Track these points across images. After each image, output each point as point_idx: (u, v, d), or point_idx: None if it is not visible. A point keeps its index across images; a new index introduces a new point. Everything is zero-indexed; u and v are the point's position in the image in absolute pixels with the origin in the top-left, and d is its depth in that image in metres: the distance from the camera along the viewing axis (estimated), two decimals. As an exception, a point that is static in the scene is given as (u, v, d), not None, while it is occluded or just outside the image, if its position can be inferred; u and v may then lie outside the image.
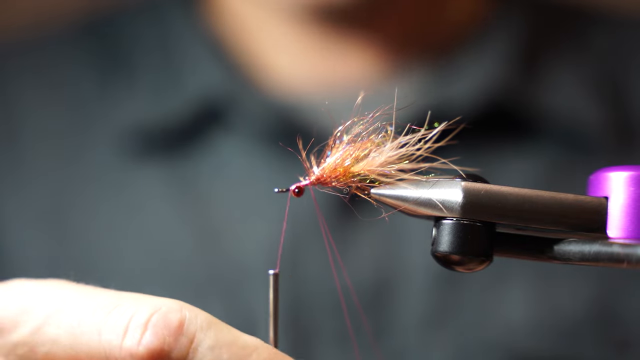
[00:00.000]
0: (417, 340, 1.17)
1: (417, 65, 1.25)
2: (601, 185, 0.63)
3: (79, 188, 1.26)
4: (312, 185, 0.66)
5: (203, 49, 1.27)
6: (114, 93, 1.28)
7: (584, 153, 1.23)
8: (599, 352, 1.17)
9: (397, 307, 1.18)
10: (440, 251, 0.63)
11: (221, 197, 1.23)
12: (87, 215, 1.25)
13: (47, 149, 1.28)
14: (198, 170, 1.24)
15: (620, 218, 0.62)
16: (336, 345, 1.17)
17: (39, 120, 1.29)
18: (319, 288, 1.18)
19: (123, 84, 1.28)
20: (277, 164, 1.22)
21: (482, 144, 1.22)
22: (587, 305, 1.18)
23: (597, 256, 0.61)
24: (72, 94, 1.30)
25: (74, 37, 1.35)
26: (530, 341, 1.17)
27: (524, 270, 1.19)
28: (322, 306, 1.17)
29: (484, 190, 0.63)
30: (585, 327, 1.17)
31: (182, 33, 1.29)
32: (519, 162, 1.22)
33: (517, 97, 1.23)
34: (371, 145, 0.65)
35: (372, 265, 1.19)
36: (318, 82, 1.25)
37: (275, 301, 0.65)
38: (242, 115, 1.23)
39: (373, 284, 1.18)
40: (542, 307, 1.18)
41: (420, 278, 1.19)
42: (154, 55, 1.29)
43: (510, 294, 1.18)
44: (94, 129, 1.28)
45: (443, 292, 1.18)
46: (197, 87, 1.25)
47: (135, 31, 1.32)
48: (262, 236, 1.21)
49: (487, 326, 1.18)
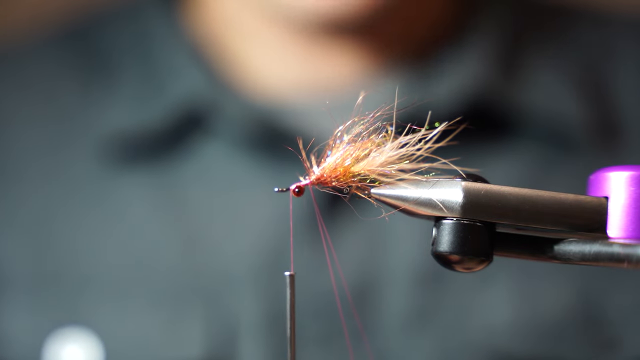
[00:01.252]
0: (400, 341, 1.17)
1: (399, 67, 1.25)
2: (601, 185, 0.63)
3: (61, 195, 1.25)
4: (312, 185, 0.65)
5: (184, 54, 1.27)
6: (95, 100, 1.27)
7: (566, 152, 1.23)
8: (581, 353, 1.18)
9: (381, 309, 1.18)
10: (441, 251, 0.63)
11: (203, 202, 1.23)
12: (70, 223, 1.24)
13: (29, 157, 1.27)
14: (180, 176, 1.24)
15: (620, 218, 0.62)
16: (320, 347, 1.17)
17: (20, 128, 1.28)
18: (303, 290, 1.18)
19: (105, 91, 1.28)
20: (260, 169, 1.22)
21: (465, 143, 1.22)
22: (569, 306, 1.18)
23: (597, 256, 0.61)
24: (54, 102, 1.30)
25: (55, 44, 1.34)
26: (512, 342, 1.18)
27: (507, 272, 1.19)
28: (306, 308, 1.17)
29: (484, 190, 0.63)
30: (567, 327, 1.18)
31: (164, 39, 1.28)
32: (501, 161, 1.22)
33: (499, 97, 1.23)
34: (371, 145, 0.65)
35: (355, 267, 1.19)
36: (300, 87, 1.25)
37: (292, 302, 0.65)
38: (224, 121, 1.23)
39: (357, 285, 1.18)
40: (524, 308, 1.18)
41: (403, 280, 1.19)
42: (136, 62, 1.29)
43: (492, 295, 1.19)
44: (76, 136, 1.27)
45: (426, 293, 1.18)
46: (179, 92, 1.24)
47: (116, 38, 1.32)
48: (245, 242, 1.20)
49: (470, 327, 1.18)
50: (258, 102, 1.24)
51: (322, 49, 1.24)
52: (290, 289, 0.65)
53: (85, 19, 1.36)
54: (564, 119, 1.23)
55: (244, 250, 1.20)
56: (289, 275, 0.66)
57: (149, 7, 1.31)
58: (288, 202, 1.16)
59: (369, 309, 1.18)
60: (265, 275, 1.19)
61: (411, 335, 1.17)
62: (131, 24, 1.32)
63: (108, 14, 1.35)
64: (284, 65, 1.26)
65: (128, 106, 1.25)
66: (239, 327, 1.18)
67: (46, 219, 1.24)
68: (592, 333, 1.18)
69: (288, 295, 0.65)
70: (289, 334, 0.65)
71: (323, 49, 1.24)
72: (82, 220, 1.23)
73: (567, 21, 1.32)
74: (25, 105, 1.30)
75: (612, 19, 1.35)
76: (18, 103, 1.30)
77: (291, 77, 1.25)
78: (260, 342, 1.17)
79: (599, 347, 1.18)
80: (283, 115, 1.23)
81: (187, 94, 1.24)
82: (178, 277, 1.20)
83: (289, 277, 0.66)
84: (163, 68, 1.26)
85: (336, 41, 1.24)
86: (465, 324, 1.18)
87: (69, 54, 1.32)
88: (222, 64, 1.27)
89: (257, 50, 1.27)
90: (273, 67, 1.26)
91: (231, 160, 1.23)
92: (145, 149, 1.24)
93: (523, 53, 1.27)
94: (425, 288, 1.19)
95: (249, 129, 1.22)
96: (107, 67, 1.29)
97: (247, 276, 1.19)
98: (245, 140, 1.22)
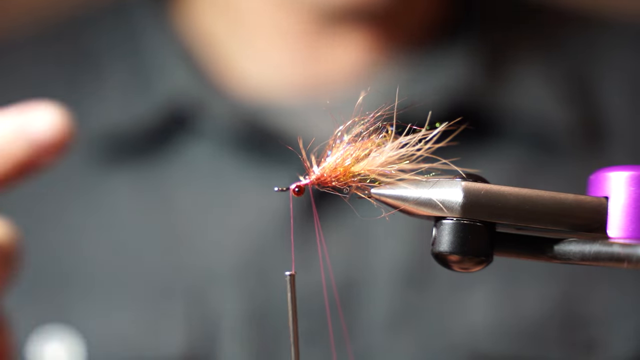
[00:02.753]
0: (382, 341, 1.17)
1: (388, 66, 1.25)
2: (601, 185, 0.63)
3: (45, 192, 1.24)
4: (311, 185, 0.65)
5: (171, 53, 1.26)
6: (81, 98, 1.27)
7: (551, 154, 1.24)
8: (563, 354, 1.18)
9: (363, 309, 1.18)
10: (440, 251, 0.63)
11: (189, 202, 1.23)
12: (53, 220, 1.23)
13: None
14: (166, 175, 1.23)
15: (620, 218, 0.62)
16: (303, 347, 1.17)
17: None
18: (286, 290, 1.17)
19: (91, 89, 1.27)
20: (245, 168, 1.21)
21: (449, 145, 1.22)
22: (551, 307, 1.19)
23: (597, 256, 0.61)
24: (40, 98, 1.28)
25: (42, 42, 1.33)
26: (495, 343, 1.18)
27: (489, 273, 1.19)
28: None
29: (484, 190, 0.63)
30: (549, 328, 1.18)
31: (151, 37, 1.28)
32: (487, 163, 1.22)
33: (485, 99, 1.23)
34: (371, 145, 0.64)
35: (338, 267, 1.19)
36: (287, 86, 1.25)
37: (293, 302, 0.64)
38: (210, 121, 1.23)
39: (339, 286, 1.18)
40: (506, 309, 1.18)
41: (385, 280, 1.19)
42: (122, 60, 1.28)
43: (475, 297, 1.19)
44: None
45: (408, 294, 1.18)
46: (166, 91, 1.24)
47: (103, 35, 1.31)
48: (229, 241, 1.20)
49: (452, 328, 1.18)
50: (245, 102, 1.24)
51: (311, 49, 1.24)
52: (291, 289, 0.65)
53: (73, 16, 1.35)
54: (548, 121, 1.23)
55: (228, 250, 1.20)
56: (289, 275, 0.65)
57: (137, 5, 1.30)
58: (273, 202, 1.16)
59: (352, 309, 1.18)
60: (248, 275, 1.19)
61: (394, 335, 1.18)
62: (119, 22, 1.31)
63: (95, 11, 1.34)
64: (272, 64, 1.26)
65: (115, 104, 1.25)
66: (221, 325, 1.18)
67: (29, 216, 1.23)
68: (574, 335, 1.19)
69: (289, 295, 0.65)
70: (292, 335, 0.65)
71: (311, 49, 1.24)
72: (66, 217, 1.23)
73: (553, 24, 1.32)
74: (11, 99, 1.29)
75: (598, 22, 1.35)
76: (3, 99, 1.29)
77: (278, 77, 1.25)
78: (242, 341, 1.17)
79: (581, 349, 1.19)
80: (270, 115, 1.22)
81: (174, 93, 1.23)
82: (161, 276, 1.19)
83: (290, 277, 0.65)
84: (150, 66, 1.26)
85: (325, 41, 1.24)
86: (448, 325, 1.18)
87: (55, 52, 1.31)
88: (209, 63, 1.27)
89: (245, 49, 1.26)
90: (260, 67, 1.26)
91: (217, 160, 1.23)
92: (132, 147, 1.24)
93: (508, 55, 1.27)
94: (408, 289, 1.19)
95: (235, 128, 1.22)
96: (94, 64, 1.28)
97: (230, 275, 1.19)
98: (232, 140, 1.22)
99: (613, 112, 1.27)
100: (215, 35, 1.27)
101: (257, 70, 1.26)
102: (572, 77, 1.28)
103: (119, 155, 1.24)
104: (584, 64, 1.30)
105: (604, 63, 1.30)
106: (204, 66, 1.26)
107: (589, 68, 1.29)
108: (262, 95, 1.25)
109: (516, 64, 1.26)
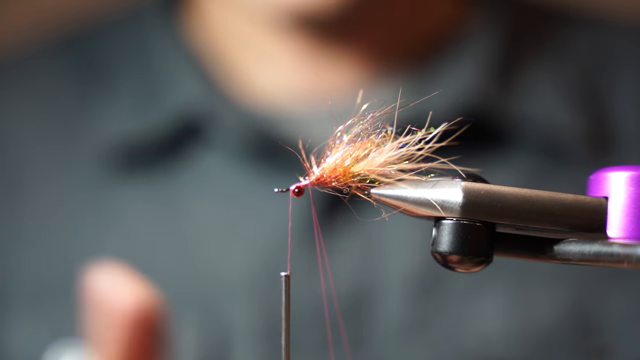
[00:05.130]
0: (395, 349, 1.17)
1: (395, 75, 1.25)
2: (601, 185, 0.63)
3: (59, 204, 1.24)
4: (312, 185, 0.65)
5: (183, 63, 1.27)
6: (94, 108, 1.27)
7: (562, 161, 1.23)
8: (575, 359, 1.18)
9: (375, 317, 1.18)
10: (440, 251, 0.63)
11: (201, 211, 1.23)
12: (68, 232, 1.24)
13: (28, 165, 1.27)
14: (178, 186, 1.24)
15: (620, 218, 0.62)
16: (315, 355, 1.17)
17: (20, 136, 1.28)
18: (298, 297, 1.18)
19: (103, 99, 1.28)
20: (257, 178, 1.22)
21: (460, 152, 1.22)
22: (563, 314, 1.18)
23: (597, 256, 0.61)
24: (52, 111, 1.30)
25: (54, 53, 1.34)
26: (507, 350, 1.17)
27: (502, 280, 1.19)
28: (301, 315, 1.17)
29: (484, 191, 0.63)
30: (561, 335, 1.18)
31: (163, 47, 1.28)
32: (496, 170, 1.22)
33: (495, 105, 1.23)
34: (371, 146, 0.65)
35: (350, 275, 1.19)
36: (297, 95, 1.25)
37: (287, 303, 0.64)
38: (221, 130, 1.23)
39: (351, 293, 1.18)
40: (518, 316, 1.18)
41: (398, 288, 1.18)
42: (134, 70, 1.29)
43: (486, 304, 1.18)
44: (74, 144, 1.27)
45: (421, 301, 1.18)
46: (177, 101, 1.24)
47: (115, 46, 1.32)
48: (242, 251, 1.20)
49: (464, 335, 1.18)
50: (256, 111, 1.24)
51: (320, 57, 1.24)
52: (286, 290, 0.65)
53: (84, 28, 1.36)
54: (559, 128, 1.23)
55: (241, 260, 1.20)
56: (285, 276, 0.65)
57: (148, 16, 1.31)
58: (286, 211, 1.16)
59: (364, 316, 1.18)
60: (261, 284, 1.19)
61: (406, 343, 1.17)
62: (130, 33, 1.32)
63: (107, 22, 1.35)
64: (283, 73, 1.26)
65: (127, 114, 1.25)
66: (234, 335, 1.18)
67: (43, 228, 1.23)
68: (586, 340, 1.18)
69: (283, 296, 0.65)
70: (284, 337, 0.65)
71: (321, 57, 1.24)
72: (80, 229, 1.23)
73: (564, 30, 1.32)
74: (24, 113, 1.30)
75: (609, 27, 1.35)
76: (17, 112, 1.30)
77: (290, 86, 1.25)
78: (254, 351, 1.17)
79: (592, 354, 1.18)
80: (281, 124, 1.23)
81: (185, 103, 1.24)
82: (174, 285, 1.19)
83: (285, 278, 0.65)
84: (162, 77, 1.26)
85: (334, 50, 1.24)
86: (460, 333, 1.18)
87: (67, 63, 1.32)
88: (220, 73, 1.27)
89: (255, 59, 1.27)
90: (271, 76, 1.26)
91: (229, 169, 1.23)
92: (144, 157, 1.24)
93: (519, 62, 1.27)
94: (420, 296, 1.18)
95: (247, 138, 1.22)
96: (106, 75, 1.29)
97: (243, 285, 1.19)
98: (243, 150, 1.22)
99: (624, 119, 1.26)
100: (225, 44, 1.28)
101: (267, 80, 1.26)
102: (583, 83, 1.27)
103: (131, 166, 1.24)
104: (595, 71, 1.29)
105: (615, 69, 1.30)
106: (215, 76, 1.27)
107: (599, 74, 1.29)
108: (273, 104, 1.25)
109: (526, 70, 1.26)
